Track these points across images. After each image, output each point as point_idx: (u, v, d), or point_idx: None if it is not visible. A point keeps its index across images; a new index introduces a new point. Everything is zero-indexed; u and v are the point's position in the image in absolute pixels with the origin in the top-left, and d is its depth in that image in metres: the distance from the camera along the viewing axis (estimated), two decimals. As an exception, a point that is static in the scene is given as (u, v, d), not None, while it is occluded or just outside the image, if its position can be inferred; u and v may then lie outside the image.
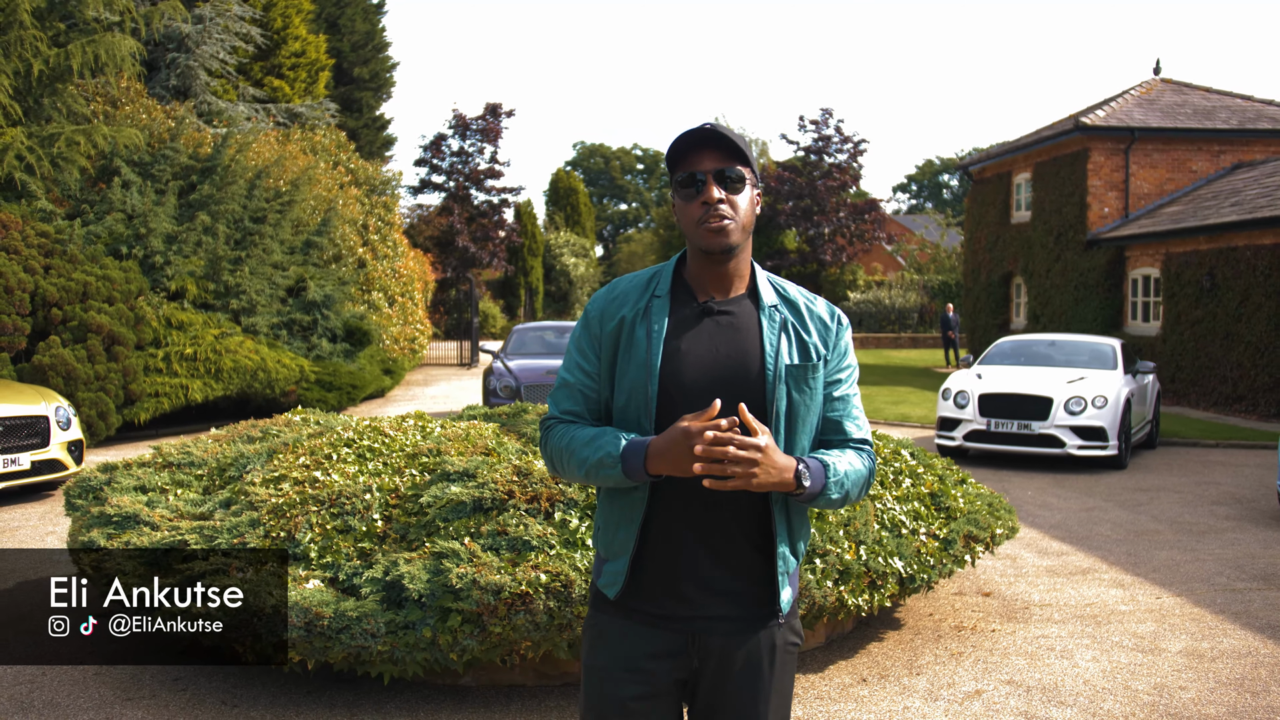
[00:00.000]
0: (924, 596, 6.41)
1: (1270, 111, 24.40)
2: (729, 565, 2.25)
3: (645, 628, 2.26)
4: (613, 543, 2.30)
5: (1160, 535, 8.39)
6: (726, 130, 2.22)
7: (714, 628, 2.25)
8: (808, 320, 2.34)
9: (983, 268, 28.27)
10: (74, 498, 5.63)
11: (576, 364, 2.35)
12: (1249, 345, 17.86)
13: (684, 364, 2.24)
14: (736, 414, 2.11)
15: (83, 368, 12.94)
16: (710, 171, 2.23)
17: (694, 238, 2.26)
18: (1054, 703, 4.74)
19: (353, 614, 4.10)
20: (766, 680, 2.28)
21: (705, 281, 2.32)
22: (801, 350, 2.30)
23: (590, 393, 2.33)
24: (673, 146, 2.27)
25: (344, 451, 5.27)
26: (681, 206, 2.27)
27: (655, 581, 2.26)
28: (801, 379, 2.28)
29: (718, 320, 2.29)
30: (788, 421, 2.26)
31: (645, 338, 2.26)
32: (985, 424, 12.03)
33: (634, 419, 2.26)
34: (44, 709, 4.55)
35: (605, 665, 2.28)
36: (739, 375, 2.24)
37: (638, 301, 2.31)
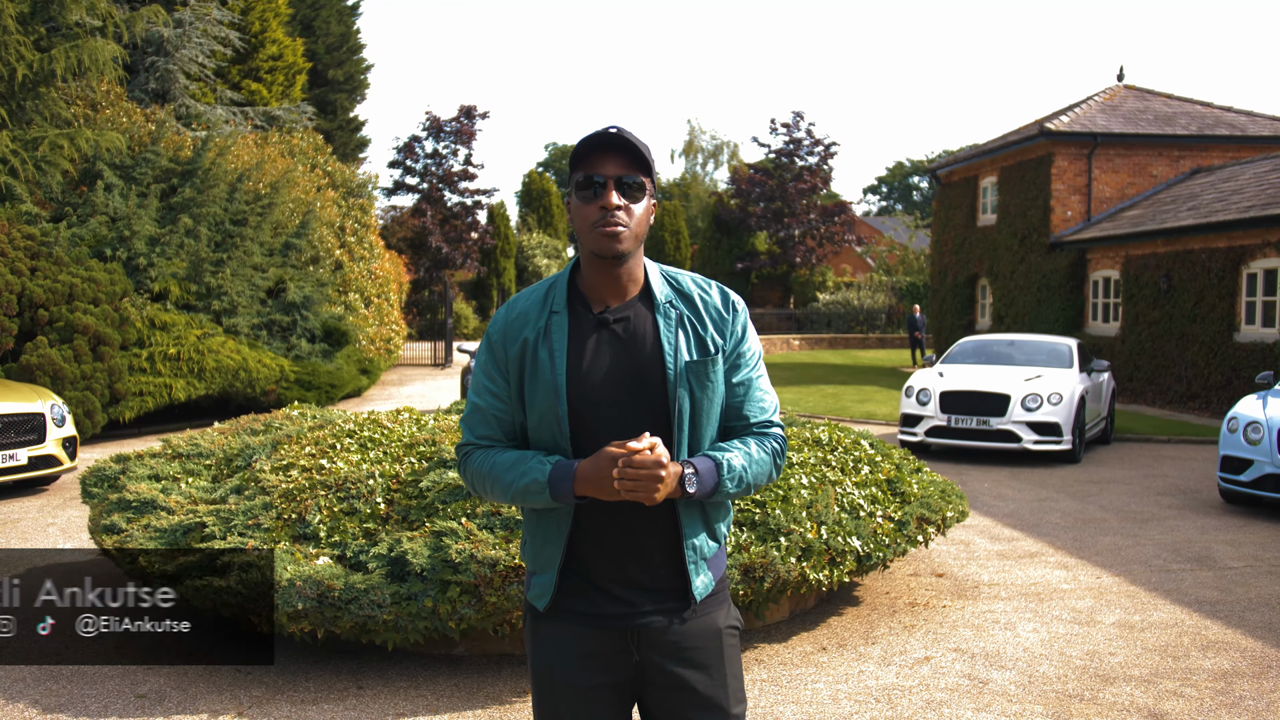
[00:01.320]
0: (881, 576, 6.89)
1: (1228, 118, 25.13)
2: (652, 563, 2.30)
3: (581, 628, 2.31)
4: (539, 557, 2.35)
5: (1106, 523, 8.92)
6: (632, 137, 2.25)
7: (647, 622, 2.30)
8: (703, 312, 2.37)
9: (949, 269, 28.89)
10: (90, 486, 6.02)
11: (485, 388, 2.37)
12: (1203, 345, 18.51)
13: (588, 379, 2.27)
14: (650, 426, 2.23)
15: (69, 367, 13.24)
16: (611, 177, 2.24)
17: (587, 241, 2.28)
18: (995, 667, 5.23)
19: (361, 586, 4.52)
20: (715, 670, 2.34)
21: (600, 289, 2.33)
22: (699, 345, 2.33)
23: (503, 415, 2.35)
24: (578, 147, 2.28)
25: (346, 441, 5.69)
26: (578, 207, 2.28)
27: (586, 586, 2.31)
28: (702, 374, 2.31)
29: (614, 329, 2.31)
30: (692, 419, 2.30)
31: (549, 358, 2.28)
32: (946, 420, 12.55)
33: (549, 438, 2.29)
34: (70, 678, 4.93)
35: (549, 667, 2.33)
36: (642, 381, 2.28)
37: (537, 320, 2.33)
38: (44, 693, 4.73)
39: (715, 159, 64.61)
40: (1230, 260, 18.04)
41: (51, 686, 4.81)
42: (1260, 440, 9.25)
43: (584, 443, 2.25)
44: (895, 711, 4.62)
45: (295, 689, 4.79)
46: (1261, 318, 17.45)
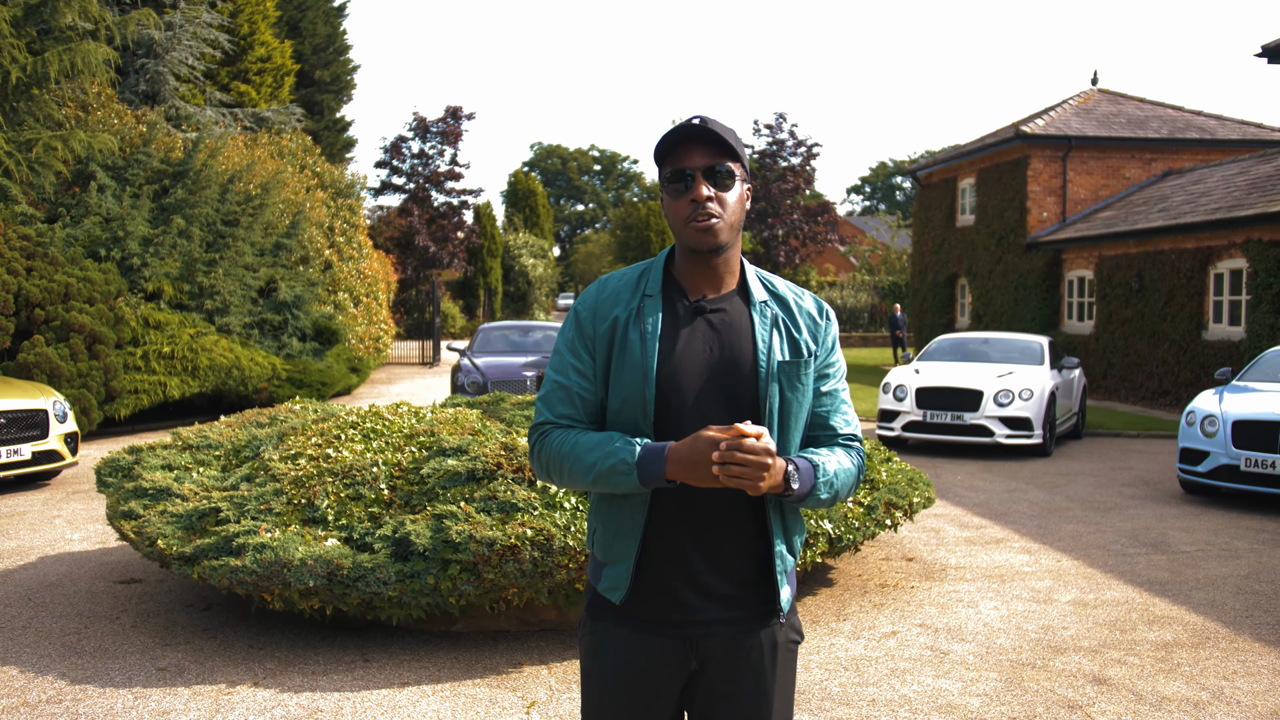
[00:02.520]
0: (854, 560, 7.28)
1: (1199, 122, 25.66)
2: (726, 568, 2.23)
3: (643, 634, 2.24)
4: (612, 547, 2.27)
5: (1070, 512, 9.34)
6: (717, 125, 2.20)
7: (712, 631, 2.23)
8: (797, 316, 2.33)
9: (929, 269, 29.37)
10: (105, 476, 6.36)
11: (570, 365, 2.29)
12: (1173, 343, 19.00)
13: (679, 366, 2.21)
14: (737, 419, 2.18)
15: (66, 366, 13.53)
16: (699, 168, 2.19)
17: (682, 236, 2.23)
18: (956, 640, 5.63)
19: (368, 565, 4.88)
20: (769, 679, 2.27)
21: (695, 279, 2.28)
22: (792, 347, 2.29)
23: (587, 394, 2.27)
24: (661, 141, 2.23)
25: (350, 433, 6.05)
26: (669, 203, 2.24)
27: (654, 587, 2.23)
28: (794, 375, 2.26)
29: (710, 319, 2.26)
30: (780, 418, 2.25)
31: (640, 340, 2.22)
32: (922, 415, 12.97)
33: (631, 422, 2.22)
34: (94, 653, 5.28)
35: (605, 671, 2.28)
36: (733, 374, 2.22)
37: (630, 301, 2.27)
38: (69, 667, 5.07)
39: (699, 159, 64.96)
40: (1198, 261, 18.53)
41: (76, 662, 5.15)
42: (1216, 433, 9.69)
43: (668, 431, 2.19)
44: (862, 678, 5.01)
45: (306, 662, 5.15)
46: (1228, 317, 17.94)
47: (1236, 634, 5.79)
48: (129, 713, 4.49)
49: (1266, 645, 5.60)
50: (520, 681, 4.91)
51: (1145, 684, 4.99)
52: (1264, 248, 16.85)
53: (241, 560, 4.94)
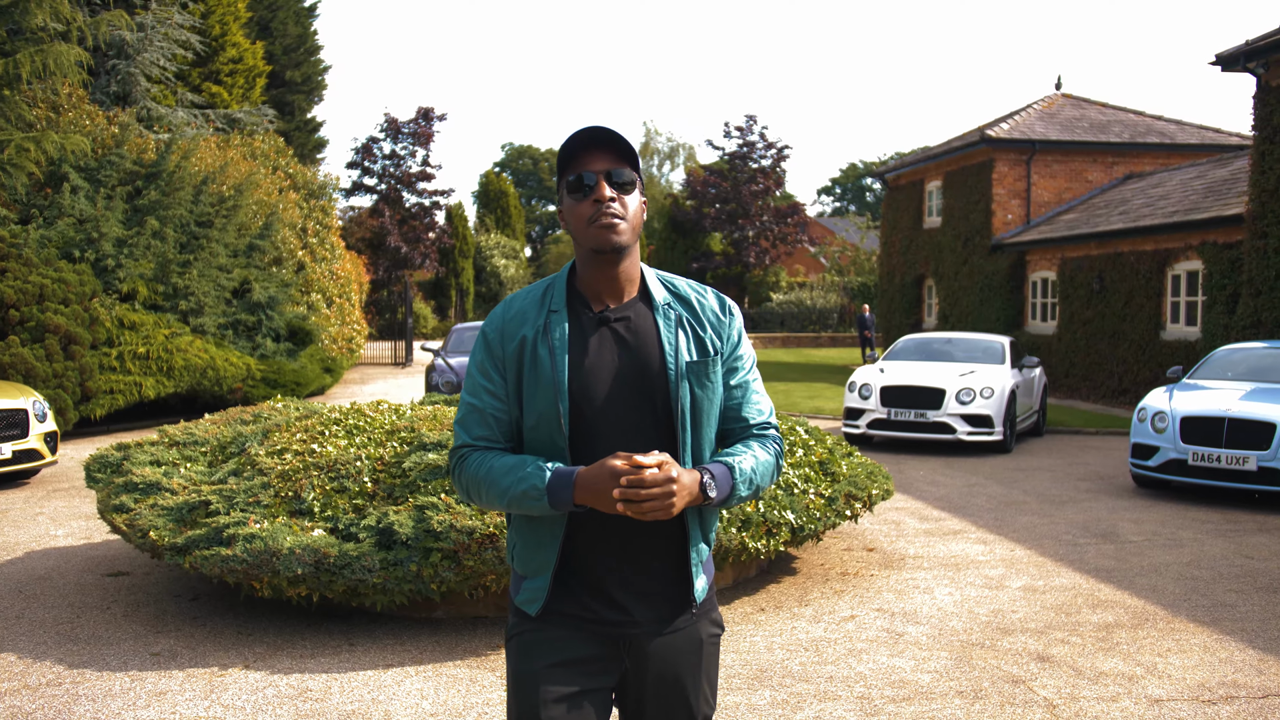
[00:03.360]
0: (817, 550, 7.60)
1: (1159, 126, 26.21)
2: (650, 568, 2.29)
3: (573, 633, 2.29)
4: (531, 561, 2.31)
5: (1026, 505, 9.70)
6: (618, 132, 2.25)
7: (641, 630, 2.30)
8: (701, 315, 2.38)
9: (897, 270, 29.81)
10: (94, 472, 6.58)
11: (482, 387, 2.33)
12: (1133, 343, 19.48)
13: (590, 377, 2.25)
14: (652, 423, 2.25)
15: (41, 366, 13.65)
16: (601, 172, 2.24)
17: (584, 238, 2.25)
18: (911, 623, 5.94)
19: (353, 553, 5.14)
20: (695, 675, 2.35)
21: (598, 288, 2.32)
22: (699, 346, 2.34)
23: (501, 415, 2.31)
24: (564, 147, 2.27)
25: (334, 429, 6.30)
26: (571, 207, 2.27)
27: (579, 590, 2.28)
28: (702, 374, 2.31)
29: (615, 328, 2.30)
30: (693, 417, 2.30)
31: (549, 355, 2.25)
32: (886, 413, 13.32)
33: (546, 439, 2.26)
34: (89, 640, 5.50)
35: (534, 671, 2.28)
36: (644, 378, 2.27)
37: (536, 319, 2.31)
38: (66, 653, 5.29)
39: (671, 160, 65.34)
40: (1156, 263, 19.01)
41: (71, 648, 5.37)
42: (1165, 429, 10.08)
43: (584, 443, 2.24)
44: (821, 657, 5.32)
45: (293, 646, 5.39)
46: (1185, 317, 18.43)
47: (1174, 615, 6.14)
48: (126, 694, 4.73)
49: (1200, 625, 5.95)
50: (498, 663, 5.17)
51: (1085, 661, 5.32)
52: (1218, 250, 17.33)
53: (232, 550, 5.18)
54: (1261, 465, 9.50)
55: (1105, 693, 4.87)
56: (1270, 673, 5.17)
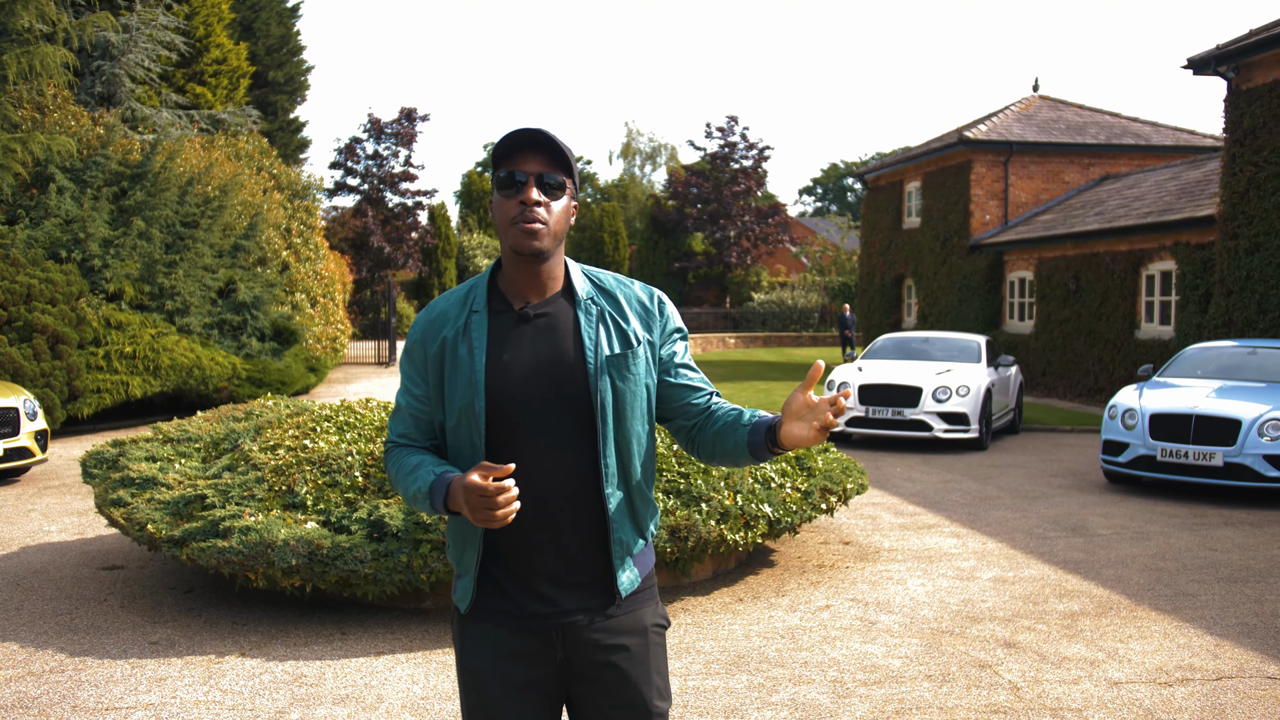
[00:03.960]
0: (794, 543, 7.82)
1: (1135, 128, 26.58)
2: (575, 559, 2.30)
3: (505, 630, 2.31)
4: (461, 559, 2.35)
5: (1000, 500, 9.95)
6: (554, 135, 2.26)
7: (573, 620, 2.30)
8: (625, 307, 2.38)
9: (877, 270, 30.10)
10: (91, 468, 6.75)
11: (406, 388, 2.38)
12: (1108, 342, 19.80)
13: (508, 374, 2.27)
14: (572, 419, 2.27)
15: (29, 365, 13.76)
16: (532, 174, 2.25)
17: (506, 237, 2.27)
18: (884, 612, 6.17)
19: (346, 545, 5.33)
20: (639, 666, 2.35)
21: (520, 286, 2.33)
22: (622, 338, 2.34)
23: (422, 416, 2.36)
24: (500, 144, 2.28)
25: (325, 425, 6.48)
26: (499, 203, 2.28)
27: (507, 586, 2.30)
28: (623, 367, 2.31)
29: (535, 324, 2.31)
30: (615, 410, 2.30)
31: (468, 354, 2.28)
32: (864, 411, 13.56)
33: (465, 437, 2.29)
34: (88, 630, 5.67)
35: (476, 668, 2.34)
36: (562, 374, 2.28)
37: (457, 319, 2.33)
38: (67, 643, 5.46)
39: (653, 161, 65.61)
40: (1131, 263, 19.34)
41: (72, 638, 5.54)
42: (1135, 425, 10.35)
43: (503, 440, 2.26)
44: (796, 644, 5.53)
45: (287, 635, 5.58)
46: (1159, 316, 18.76)
47: (1137, 604, 6.39)
48: (128, 680, 4.91)
49: (1162, 613, 6.19)
50: (486, 650, 5.37)
51: (1050, 646, 5.55)
52: (1191, 250, 17.66)
53: (228, 542, 5.36)
54: (1228, 461, 9.77)
55: (1067, 676, 5.11)
56: (1225, 657, 5.41)
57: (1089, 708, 4.69)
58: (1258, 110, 15.71)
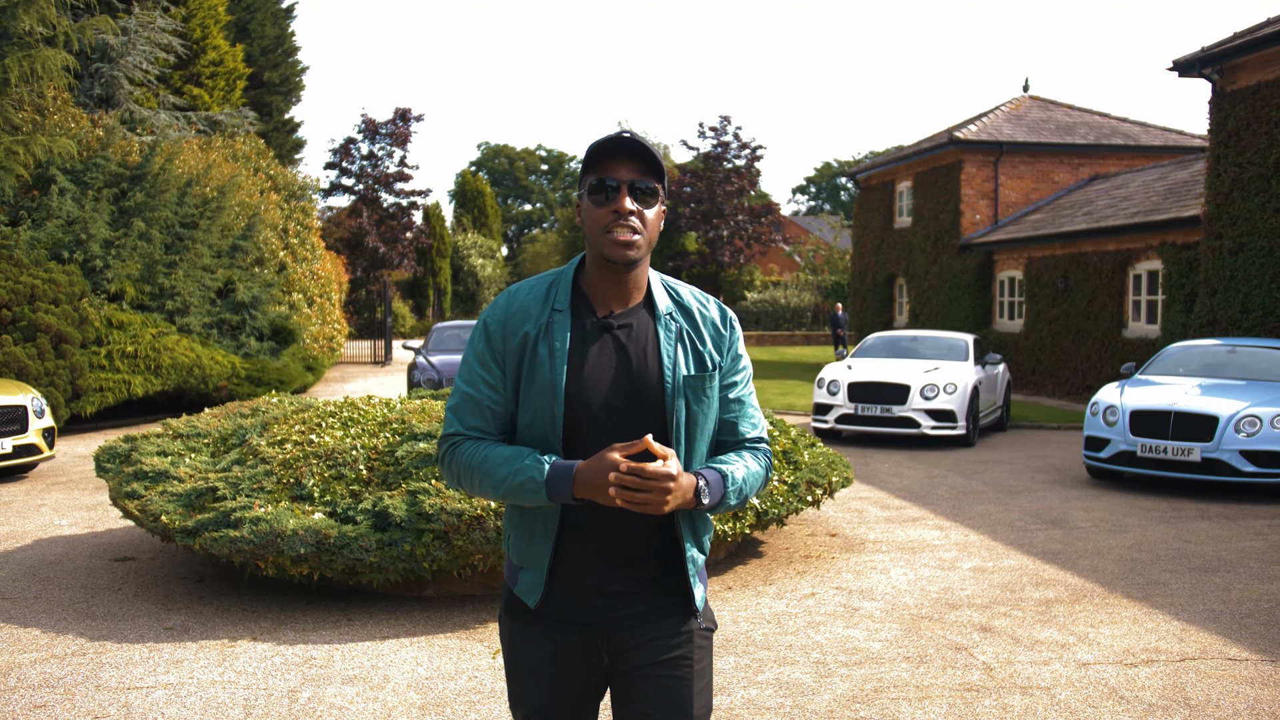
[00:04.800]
0: (782, 535, 8.09)
1: (1124, 128, 26.86)
2: (637, 569, 2.32)
3: (558, 633, 2.33)
4: (527, 553, 2.34)
5: (984, 494, 10.22)
6: (646, 142, 2.24)
7: (622, 625, 2.31)
8: (701, 327, 2.38)
9: (869, 269, 30.39)
10: (104, 462, 7.00)
11: (480, 378, 2.33)
12: (1096, 340, 20.09)
13: (587, 383, 2.25)
14: (644, 436, 2.19)
15: (34, 365, 13.99)
16: (625, 181, 2.23)
17: (598, 245, 2.25)
18: (867, 599, 6.44)
19: (352, 534, 5.58)
20: (686, 670, 2.35)
21: (604, 292, 2.32)
22: (698, 360, 2.34)
23: (497, 407, 2.32)
24: (590, 150, 2.26)
25: (330, 420, 6.74)
26: (589, 210, 2.26)
27: (568, 589, 2.32)
28: (699, 389, 2.31)
29: (617, 335, 2.30)
30: (687, 432, 2.30)
31: (549, 356, 2.26)
32: (854, 408, 13.83)
33: (540, 437, 2.27)
34: (105, 617, 5.92)
35: (526, 667, 2.37)
36: (640, 390, 2.27)
37: (539, 316, 2.30)
38: (86, 628, 5.71)
39: (647, 160, 65.74)
40: (1119, 262, 19.63)
41: (90, 624, 5.79)
42: (1116, 422, 10.62)
43: (577, 446, 2.26)
44: (782, 629, 5.80)
45: (296, 621, 5.83)
46: (1146, 315, 19.05)
47: (1110, 592, 6.66)
48: (146, 662, 5.16)
49: (1133, 601, 6.47)
50: (485, 635, 5.63)
51: (1024, 631, 5.82)
52: (1177, 250, 17.95)
53: (240, 531, 5.61)
54: (1205, 456, 10.05)
55: (1039, 658, 5.38)
56: (1190, 640, 5.68)
57: (1057, 686, 4.96)
58: (1242, 112, 16.00)
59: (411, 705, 4.65)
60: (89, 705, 4.62)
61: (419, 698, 4.74)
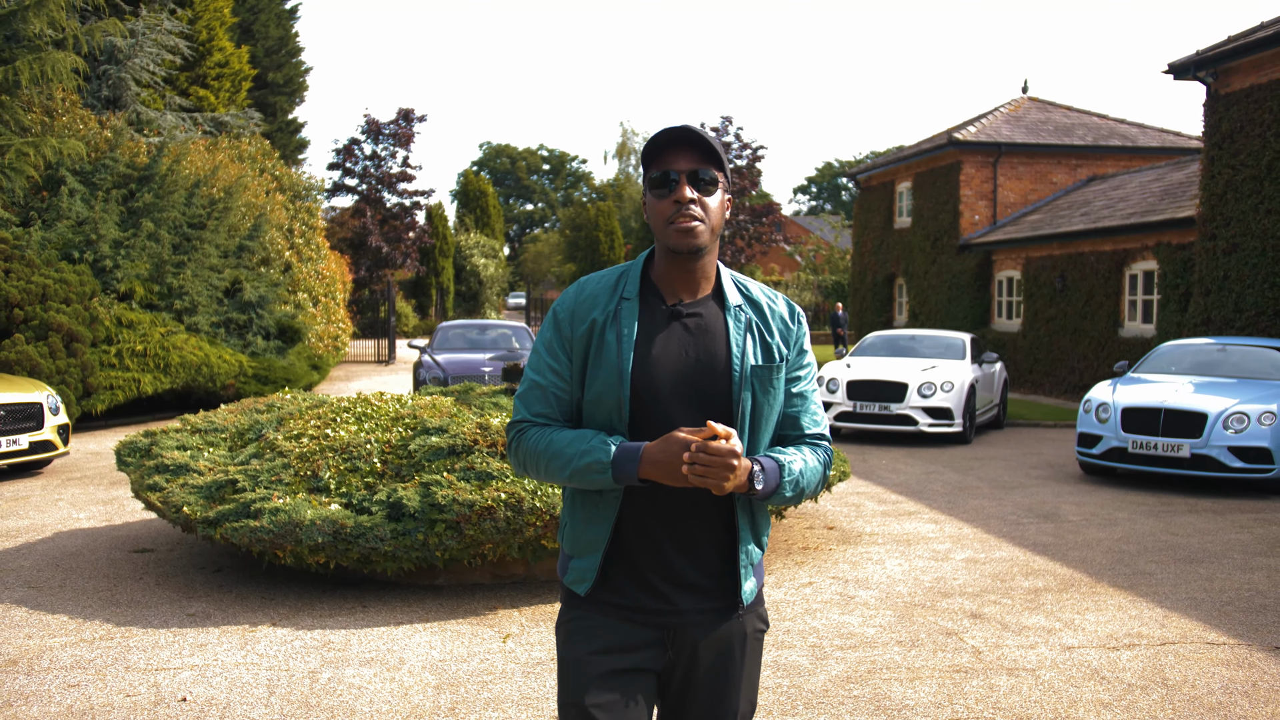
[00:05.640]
0: (781, 528, 8.32)
1: (1121, 129, 27.08)
2: (697, 560, 2.30)
3: (618, 621, 2.31)
4: (581, 539, 2.34)
5: (979, 490, 10.46)
6: (704, 132, 2.26)
7: (686, 620, 2.30)
8: (770, 320, 2.39)
9: (869, 269, 30.62)
10: (125, 456, 7.24)
11: (547, 365, 2.35)
12: (1092, 340, 20.32)
13: (654, 368, 2.26)
14: (706, 422, 2.19)
15: (46, 363, 14.23)
16: (684, 171, 2.25)
17: (663, 236, 2.28)
18: (862, 588, 6.67)
19: (367, 524, 5.82)
20: (737, 668, 2.36)
21: (673, 282, 2.34)
22: (765, 351, 2.35)
23: (563, 394, 2.34)
24: (649, 144, 2.29)
25: (344, 416, 6.98)
26: (653, 204, 2.29)
27: (626, 576, 2.31)
28: (766, 380, 2.32)
29: (685, 323, 2.31)
30: (752, 422, 2.30)
31: (616, 341, 2.27)
32: (853, 406, 14.08)
33: (605, 422, 2.28)
34: (129, 604, 6.16)
35: (580, 657, 2.32)
36: (707, 377, 2.28)
37: (608, 304, 2.32)
38: (111, 614, 5.95)
39: (648, 160, 66.04)
40: (1115, 263, 19.86)
41: (115, 610, 6.03)
42: (1108, 419, 10.86)
43: (641, 431, 2.26)
44: (780, 615, 6.04)
45: (313, 608, 6.07)
46: (1142, 315, 19.28)
47: (1097, 582, 6.90)
48: (172, 645, 5.40)
49: (1119, 589, 6.70)
50: (496, 620, 5.87)
51: (1012, 617, 6.06)
52: (1172, 250, 18.17)
53: (260, 522, 5.85)
54: (1194, 452, 10.29)
55: (1025, 642, 5.61)
56: (1171, 626, 5.92)
57: (1041, 668, 5.20)
58: (1235, 114, 16.22)
59: (427, 685, 4.89)
60: (120, 685, 4.86)
61: (434, 678, 4.98)
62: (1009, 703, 4.73)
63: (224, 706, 4.61)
